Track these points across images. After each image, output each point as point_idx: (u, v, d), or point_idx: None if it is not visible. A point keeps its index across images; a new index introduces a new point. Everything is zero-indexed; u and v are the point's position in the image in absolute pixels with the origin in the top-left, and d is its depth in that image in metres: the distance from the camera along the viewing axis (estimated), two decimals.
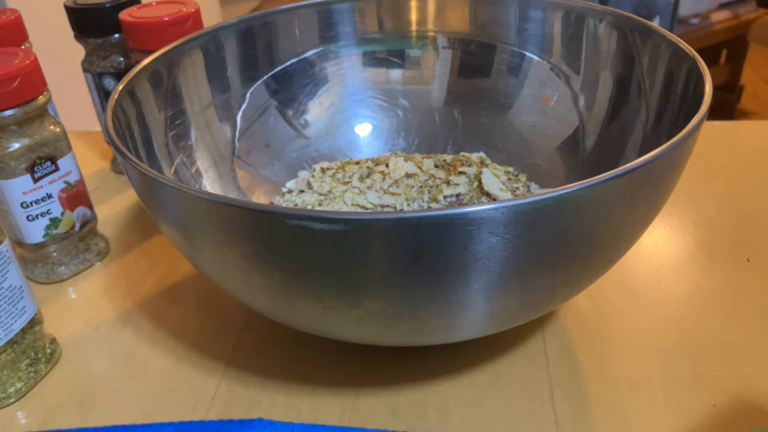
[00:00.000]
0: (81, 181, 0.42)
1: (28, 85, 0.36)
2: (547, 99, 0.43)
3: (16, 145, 0.37)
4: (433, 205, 0.39)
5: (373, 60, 0.47)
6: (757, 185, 0.47)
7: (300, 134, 0.45)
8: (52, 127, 0.39)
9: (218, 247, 0.27)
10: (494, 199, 0.39)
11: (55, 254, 0.42)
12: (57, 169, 0.39)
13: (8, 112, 0.36)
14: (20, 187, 0.38)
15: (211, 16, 2.23)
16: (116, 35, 0.48)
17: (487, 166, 0.42)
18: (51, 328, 0.38)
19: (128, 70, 0.36)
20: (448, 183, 0.40)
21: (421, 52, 0.47)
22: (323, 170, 0.43)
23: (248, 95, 0.44)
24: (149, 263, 0.43)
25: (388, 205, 0.39)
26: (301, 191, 0.43)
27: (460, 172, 0.41)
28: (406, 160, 0.42)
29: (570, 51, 0.42)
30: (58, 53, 0.91)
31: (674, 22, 1.48)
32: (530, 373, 0.33)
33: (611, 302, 0.37)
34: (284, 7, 0.44)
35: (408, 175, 0.41)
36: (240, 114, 0.43)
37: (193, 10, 0.45)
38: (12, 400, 0.34)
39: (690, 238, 0.42)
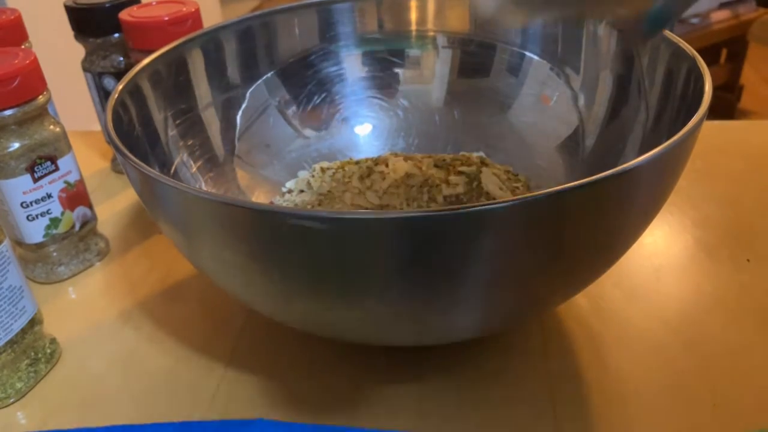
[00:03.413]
0: (81, 181, 0.41)
1: (28, 85, 0.36)
2: (547, 99, 0.43)
3: (16, 145, 0.37)
4: (433, 205, 0.39)
5: (373, 60, 0.47)
6: (757, 185, 0.47)
7: (300, 134, 0.45)
8: (52, 127, 0.39)
9: (218, 247, 0.27)
10: (494, 199, 0.39)
11: (55, 254, 0.42)
12: (57, 169, 0.39)
13: (8, 112, 0.36)
14: (20, 186, 0.38)
15: (211, 16, 2.23)
16: (116, 35, 0.48)
17: (486, 165, 0.42)
18: (51, 328, 0.38)
19: (128, 70, 0.36)
20: (447, 183, 0.40)
21: (421, 51, 0.47)
22: (323, 170, 0.43)
23: (248, 95, 0.44)
24: (149, 263, 0.43)
25: (387, 205, 0.40)
26: (301, 191, 0.43)
27: (460, 172, 0.41)
28: (405, 160, 0.42)
29: (570, 51, 0.42)
30: (58, 53, 0.91)
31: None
32: (530, 373, 0.33)
33: (611, 302, 0.37)
34: (284, 7, 0.44)
35: (408, 175, 0.41)
36: (240, 114, 0.43)
37: (193, 10, 0.45)
38: (12, 400, 0.34)
39: (690, 238, 0.42)
